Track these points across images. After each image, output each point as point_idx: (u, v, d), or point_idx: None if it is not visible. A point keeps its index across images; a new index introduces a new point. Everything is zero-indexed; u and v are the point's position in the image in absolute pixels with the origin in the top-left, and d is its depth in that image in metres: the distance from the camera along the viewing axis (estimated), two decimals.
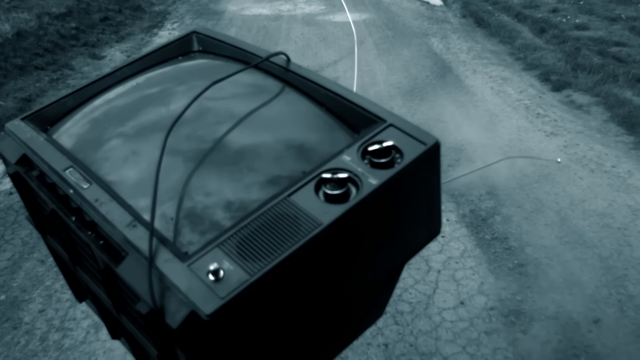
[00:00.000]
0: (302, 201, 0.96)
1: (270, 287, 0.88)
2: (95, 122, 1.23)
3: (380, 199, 0.99)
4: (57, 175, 1.06)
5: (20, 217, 3.86)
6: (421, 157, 1.01)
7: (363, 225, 0.99)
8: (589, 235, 3.53)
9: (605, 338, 2.73)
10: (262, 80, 1.24)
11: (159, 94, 1.25)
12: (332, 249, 0.96)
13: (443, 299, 3.00)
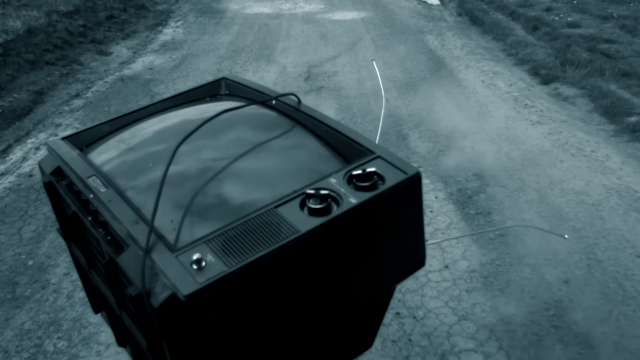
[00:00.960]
0: (286, 212, 1.09)
1: (247, 281, 1.00)
2: (122, 145, 1.44)
3: (360, 217, 1.11)
4: (81, 181, 1.23)
5: (41, 195, 4.21)
6: (401, 184, 1.13)
7: (342, 240, 1.11)
8: (565, 210, 3.88)
9: (573, 295, 3.07)
10: (273, 117, 1.43)
11: (181, 125, 1.44)
12: (311, 257, 1.08)
13: (429, 264, 3.34)
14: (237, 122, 1.42)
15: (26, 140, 5.34)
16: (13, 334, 2.87)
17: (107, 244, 1.14)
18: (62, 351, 2.75)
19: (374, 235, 1.18)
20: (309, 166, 1.28)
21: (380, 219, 1.17)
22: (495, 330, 2.84)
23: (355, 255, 1.17)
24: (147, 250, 1.02)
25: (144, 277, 0.99)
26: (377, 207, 1.12)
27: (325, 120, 1.34)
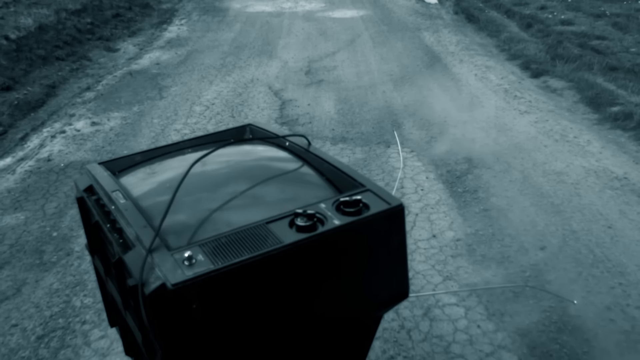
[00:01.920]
0: (275, 228, 1.24)
1: (231, 280, 1.13)
2: (148, 170, 1.67)
3: (342, 238, 1.25)
4: (106, 195, 1.45)
5: (60, 176, 4.57)
6: (384, 212, 1.28)
7: (324, 257, 1.25)
8: (545, 188, 4.24)
9: (548, 259, 3.43)
10: (283, 154, 1.67)
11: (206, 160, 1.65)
12: (293, 268, 1.21)
13: (419, 233, 3.70)
14: (251, 156, 1.67)
15: (42, 129, 5.70)
16: (43, 293, 3.22)
17: (118, 246, 1.33)
18: (88, 306, 3.10)
19: (356, 258, 1.31)
20: (306, 194, 1.43)
21: (362, 243, 1.30)
22: (476, 288, 3.19)
23: (336, 275, 1.29)
24: (150, 249, 1.18)
25: (143, 270, 1.14)
26: (359, 230, 1.26)
27: (328, 158, 1.55)
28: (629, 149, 4.91)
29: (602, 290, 3.15)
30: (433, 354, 2.74)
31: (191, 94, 6.45)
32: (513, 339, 2.82)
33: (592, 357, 2.71)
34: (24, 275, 3.38)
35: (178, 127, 5.53)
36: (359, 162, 4.74)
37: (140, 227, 1.30)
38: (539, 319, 2.95)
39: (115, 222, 1.39)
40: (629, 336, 2.83)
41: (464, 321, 2.94)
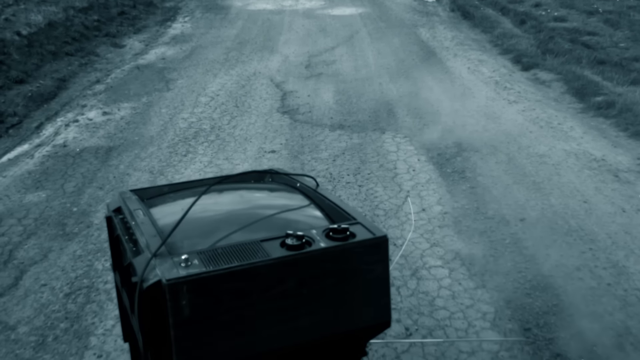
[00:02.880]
0: (267, 245, 1.37)
1: (219, 284, 1.25)
2: (170, 198, 1.89)
3: (327, 259, 1.36)
4: (130, 213, 1.65)
5: (77, 159, 4.94)
6: (368, 241, 1.39)
7: (308, 275, 1.36)
8: (528, 168, 4.60)
9: (527, 229, 3.79)
10: (292, 192, 1.87)
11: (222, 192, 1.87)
12: (278, 281, 1.32)
13: (409, 208, 4.07)
14: (263, 193, 1.91)
15: (56, 119, 6.07)
16: (68, 258, 3.59)
17: (131, 253, 1.48)
18: (109, 269, 3.46)
19: (339, 281, 1.41)
20: (304, 223, 1.56)
21: (345, 267, 1.41)
22: (460, 252, 3.55)
23: (319, 294, 1.39)
24: (155, 254, 1.34)
25: (145, 269, 1.29)
26: (343, 255, 1.38)
27: (330, 197, 1.73)
28: (609, 134, 5.27)
29: (574, 254, 3.52)
30: (419, 306, 3.11)
31: (197, 86, 6.83)
32: (491, 295, 3.18)
33: (560, 309, 3.07)
34: (49, 244, 3.74)
35: (185, 116, 5.91)
36: (355, 146, 5.10)
37: (151, 236, 1.47)
38: (515, 277, 3.31)
39: (132, 234, 1.57)
40: (595, 291, 3.19)
41: (447, 280, 3.31)
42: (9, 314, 3.11)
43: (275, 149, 5.09)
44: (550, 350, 2.80)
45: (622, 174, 4.49)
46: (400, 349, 2.81)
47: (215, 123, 5.70)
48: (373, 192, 4.30)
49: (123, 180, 4.57)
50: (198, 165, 4.78)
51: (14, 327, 3.02)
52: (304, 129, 5.52)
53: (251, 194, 1.90)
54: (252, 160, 4.86)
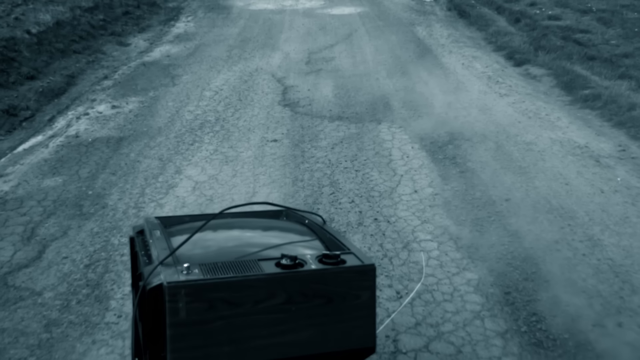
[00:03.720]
0: (263, 263, 1.48)
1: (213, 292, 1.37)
2: (190, 225, 2.00)
3: (316, 280, 1.47)
4: (149, 232, 1.84)
5: (89, 148, 5.27)
6: (356, 268, 1.50)
7: (298, 294, 1.46)
8: (515, 155, 4.93)
9: (511, 207, 4.11)
10: (299, 227, 2.05)
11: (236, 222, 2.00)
12: (268, 296, 1.43)
13: (402, 190, 4.39)
14: (273, 225, 2.10)
15: (67, 112, 6.40)
16: (86, 235, 3.91)
17: (144, 264, 1.65)
18: (124, 244, 3.79)
19: (326, 303, 1.51)
20: (303, 251, 1.71)
21: (333, 290, 1.51)
22: (448, 228, 3.88)
23: (307, 313, 1.50)
24: (161, 262, 1.50)
25: (150, 274, 1.44)
26: (331, 278, 1.49)
27: (333, 232, 1.87)
28: (594, 124, 5.60)
29: (554, 229, 3.84)
30: (409, 273, 3.43)
31: (201, 82, 7.16)
32: (475, 264, 3.51)
33: (538, 276, 3.39)
34: (68, 223, 4.07)
35: (191, 109, 6.24)
36: (353, 136, 5.43)
37: (162, 249, 1.62)
38: (499, 249, 3.64)
39: (148, 250, 1.72)
40: (570, 261, 3.51)
41: (436, 252, 3.63)
42: (34, 282, 3.44)
43: (277, 138, 5.42)
44: (527, 310, 3.13)
45: (603, 160, 4.81)
46: (391, 308, 3.13)
47: (220, 115, 6.03)
48: (369, 176, 4.63)
49: (134, 167, 4.90)
50: (204, 153, 5.11)
51: (40, 293, 3.34)
52: (304, 120, 5.85)
53: (262, 225, 2.08)
54: (255, 149, 5.19)
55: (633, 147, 5.06)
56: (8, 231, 3.95)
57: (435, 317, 3.07)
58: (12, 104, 6.51)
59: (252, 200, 4.29)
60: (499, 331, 2.97)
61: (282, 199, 4.31)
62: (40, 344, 2.96)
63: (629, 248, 3.62)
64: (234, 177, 4.65)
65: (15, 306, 3.23)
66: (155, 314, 1.43)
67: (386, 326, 3.01)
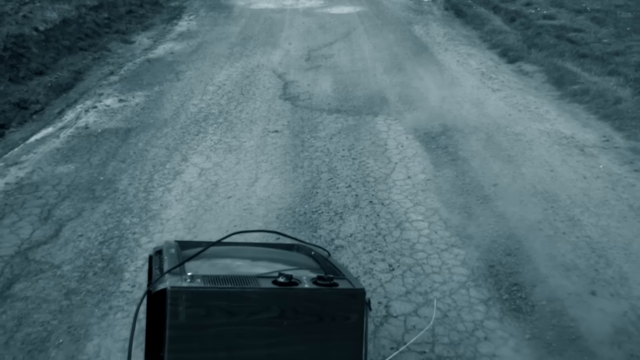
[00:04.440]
0: (261, 280, 1.60)
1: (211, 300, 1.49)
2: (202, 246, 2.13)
3: (308, 298, 1.57)
4: (167, 250, 2.00)
5: (99, 138, 5.57)
6: (346, 291, 1.60)
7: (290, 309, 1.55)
8: (504, 145, 5.23)
9: (498, 192, 4.40)
10: (304, 257, 2.13)
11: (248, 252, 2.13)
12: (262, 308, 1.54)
13: (397, 176, 4.69)
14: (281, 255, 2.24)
15: (75, 105, 6.70)
16: (99, 215, 4.21)
17: (155, 277, 1.79)
18: (136, 223, 4.09)
19: (317, 321, 1.59)
20: (300, 273, 1.79)
21: (324, 310, 1.59)
22: (439, 210, 4.17)
23: (298, 329, 1.58)
24: (168, 270, 1.65)
25: (157, 281, 1.60)
26: (322, 297, 1.58)
27: (335, 263, 2.01)
28: (581, 116, 5.90)
29: (537, 211, 4.14)
30: (401, 249, 3.72)
31: (204, 77, 7.47)
32: (463, 241, 3.80)
33: (521, 252, 3.68)
34: (82, 205, 4.36)
35: (195, 102, 6.54)
36: (350, 127, 5.73)
37: (173, 262, 1.75)
38: (485, 229, 3.93)
39: (162, 265, 1.85)
40: (551, 238, 3.81)
41: (426, 230, 3.93)
42: (53, 257, 3.73)
43: (278, 129, 5.72)
44: (509, 281, 3.42)
45: (588, 149, 5.11)
46: (384, 279, 3.42)
47: (223, 108, 6.33)
48: (365, 164, 4.92)
49: (142, 155, 5.20)
50: (209, 143, 5.41)
51: (59, 266, 3.63)
52: (304, 113, 6.15)
53: (272, 254, 2.24)
54: (257, 139, 5.48)
55: (617, 137, 5.35)
56: (26, 212, 4.25)
57: (424, 286, 3.37)
58: (23, 97, 6.81)
59: (255, 185, 4.59)
60: (482, 299, 3.27)
61: (283, 184, 4.60)
62: (61, 309, 3.25)
63: (606, 227, 3.92)
64: (238, 165, 4.95)
65: (36, 277, 3.52)
66: (158, 316, 1.54)
67: (378, 293, 3.30)
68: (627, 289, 3.32)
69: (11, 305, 3.28)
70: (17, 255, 3.74)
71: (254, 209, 4.24)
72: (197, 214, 4.19)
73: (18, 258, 3.71)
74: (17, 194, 4.53)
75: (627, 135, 5.39)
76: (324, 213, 4.17)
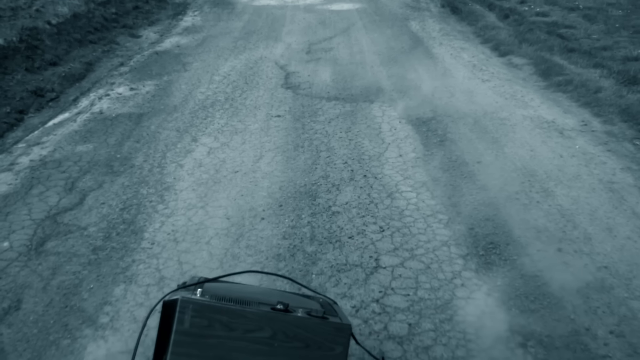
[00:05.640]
0: (262, 306, 1.81)
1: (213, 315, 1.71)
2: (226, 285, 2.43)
3: (298, 325, 1.77)
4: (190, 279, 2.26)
5: (114, 122, 6.05)
6: (333, 324, 1.80)
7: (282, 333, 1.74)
8: (490, 128, 5.71)
9: (481, 168, 4.88)
10: (312, 302, 2.25)
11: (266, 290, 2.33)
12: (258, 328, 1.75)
13: (389, 154, 5.17)
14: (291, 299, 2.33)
15: (89, 94, 7.18)
16: (118, 187, 4.69)
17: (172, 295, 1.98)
18: (152, 193, 4.57)
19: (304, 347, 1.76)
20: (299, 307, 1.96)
21: (311, 338, 1.76)
22: (426, 183, 4.65)
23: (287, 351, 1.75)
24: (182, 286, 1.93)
25: (170, 293, 1.88)
26: (311, 327, 1.77)
27: (338, 311, 2.17)
28: (563, 104, 6.39)
29: (515, 183, 4.62)
30: (391, 214, 4.20)
31: (210, 68, 7.95)
32: (447, 208, 4.28)
33: (498, 217, 4.16)
34: (102, 178, 4.84)
35: (202, 90, 7.03)
36: (347, 112, 6.22)
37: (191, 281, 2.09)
38: (467, 198, 4.41)
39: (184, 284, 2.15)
40: (526, 206, 4.29)
41: (414, 199, 4.41)
42: (79, 220, 4.21)
43: (280, 114, 6.20)
44: (486, 240, 3.90)
45: (567, 132, 5.59)
46: (375, 238, 3.91)
47: (229, 95, 6.82)
48: (361, 144, 5.41)
49: (155, 136, 5.68)
50: (216, 126, 5.90)
51: (85, 228, 4.12)
52: (305, 100, 6.63)
53: (282, 293, 2.48)
54: (261, 122, 5.97)
55: (594, 122, 5.84)
56: (52, 184, 4.73)
57: (411, 244, 3.85)
58: (39, 86, 7.29)
59: (260, 161, 5.07)
60: (461, 254, 3.75)
61: (285, 161, 5.09)
62: (89, 262, 3.73)
63: (577, 197, 4.40)
64: (243, 144, 5.44)
65: (66, 237, 4.00)
66: (168, 324, 1.75)
67: (369, 249, 3.79)
68: (590, 247, 3.80)
69: (45, 258, 3.77)
70: (47, 219, 4.22)
71: (258, 182, 4.72)
72: (208, 186, 4.67)
73: (48, 221, 4.19)
74: (42, 169, 5.01)
75: (604, 120, 5.87)
76: (322, 185, 4.65)
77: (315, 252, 3.78)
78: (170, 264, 3.68)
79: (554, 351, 2.96)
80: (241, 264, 3.68)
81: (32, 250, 3.85)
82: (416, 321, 3.16)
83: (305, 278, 3.53)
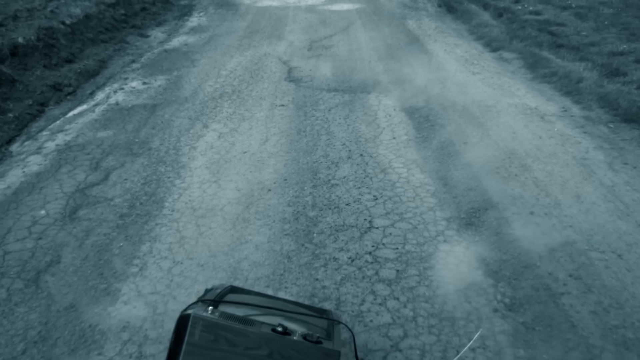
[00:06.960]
0: (264, 327, 1.99)
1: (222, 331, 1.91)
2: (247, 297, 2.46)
3: (292, 347, 1.93)
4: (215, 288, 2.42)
5: (130, 112, 6.65)
6: (324, 349, 1.97)
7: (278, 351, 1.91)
8: (477, 114, 6.29)
9: (467, 148, 5.46)
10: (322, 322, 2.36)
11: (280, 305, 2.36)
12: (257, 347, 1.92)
13: (384, 137, 5.75)
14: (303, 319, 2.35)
15: (104, 88, 7.78)
16: (139, 166, 5.27)
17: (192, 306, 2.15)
18: (169, 171, 5.15)
19: None
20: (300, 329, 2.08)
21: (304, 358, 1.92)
22: (416, 160, 5.23)
23: None
24: (198, 300, 2.14)
25: (186, 309, 2.02)
26: (304, 350, 1.96)
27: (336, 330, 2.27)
28: (546, 93, 6.96)
29: (497, 161, 5.19)
30: (384, 186, 4.78)
31: (217, 64, 8.56)
32: (434, 180, 4.85)
33: (480, 187, 4.73)
34: (123, 159, 5.43)
35: (211, 83, 7.62)
36: (346, 102, 6.80)
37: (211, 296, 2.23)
38: (452, 172, 4.99)
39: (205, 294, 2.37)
40: (505, 179, 4.86)
41: (405, 174, 4.99)
42: (106, 193, 4.79)
43: (284, 103, 6.79)
44: (467, 206, 4.47)
45: (547, 117, 6.17)
46: (369, 205, 4.48)
47: (236, 88, 7.41)
48: (358, 128, 5.99)
49: (169, 123, 6.27)
50: (225, 114, 6.49)
51: (111, 199, 4.70)
52: (307, 91, 7.22)
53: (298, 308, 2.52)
54: (266, 111, 6.56)
55: (574, 109, 6.41)
56: (78, 163, 5.32)
57: (400, 210, 4.42)
58: (57, 81, 7.90)
59: (266, 144, 5.65)
60: (445, 217, 4.32)
61: (289, 143, 5.67)
62: (117, 226, 4.31)
63: (551, 171, 4.97)
64: (250, 129, 6.02)
65: (95, 206, 4.59)
66: (180, 334, 1.94)
67: (364, 214, 4.36)
68: (559, 210, 4.36)
69: (79, 223, 4.35)
70: (77, 192, 4.80)
71: (265, 160, 5.30)
72: (219, 164, 5.25)
73: (78, 194, 4.78)
74: (68, 151, 5.60)
75: (583, 107, 6.44)
76: (323, 163, 5.23)
77: (316, 217, 4.36)
78: (189, 227, 4.26)
79: (520, 290, 3.52)
80: (251, 226, 4.25)
81: (67, 217, 4.43)
82: (403, 268, 3.73)
83: (308, 237, 4.11)
